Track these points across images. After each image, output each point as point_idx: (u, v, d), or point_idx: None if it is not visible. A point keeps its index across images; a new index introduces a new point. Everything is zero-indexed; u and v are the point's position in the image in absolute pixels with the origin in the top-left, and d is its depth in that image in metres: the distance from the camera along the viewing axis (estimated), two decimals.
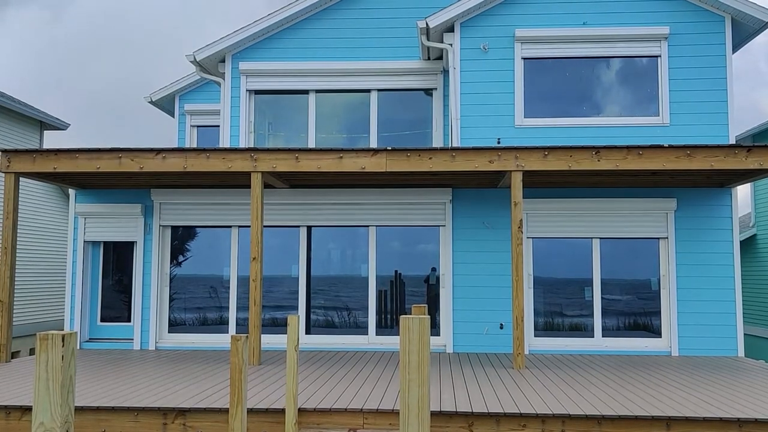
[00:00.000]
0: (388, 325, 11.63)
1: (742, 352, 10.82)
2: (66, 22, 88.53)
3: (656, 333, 11.16)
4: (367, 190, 11.52)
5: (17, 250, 10.60)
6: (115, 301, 12.10)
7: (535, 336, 11.21)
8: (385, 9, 12.86)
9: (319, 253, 11.86)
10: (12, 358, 10.26)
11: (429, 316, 2.73)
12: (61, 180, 11.36)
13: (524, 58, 11.63)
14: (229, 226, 11.83)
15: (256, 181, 9.76)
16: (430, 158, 9.61)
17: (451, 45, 11.70)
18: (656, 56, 11.50)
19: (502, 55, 11.61)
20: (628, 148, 9.43)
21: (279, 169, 9.77)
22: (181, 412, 6.77)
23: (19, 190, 10.67)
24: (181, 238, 12.06)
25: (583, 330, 11.25)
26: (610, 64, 11.74)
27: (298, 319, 6.41)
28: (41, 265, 18.34)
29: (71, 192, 12.11)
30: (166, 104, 16.93)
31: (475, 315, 11.15)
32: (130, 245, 12.02)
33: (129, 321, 11.92)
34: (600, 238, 11.29)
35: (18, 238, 12.44)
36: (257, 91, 12.97)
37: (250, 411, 6.62)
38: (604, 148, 9.47)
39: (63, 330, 4.74)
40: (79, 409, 6.75)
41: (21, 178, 11.87)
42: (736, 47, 11.89)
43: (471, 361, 9.97)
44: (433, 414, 6.48)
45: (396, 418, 6.60)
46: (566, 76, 11.74)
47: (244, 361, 5.43)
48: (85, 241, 11.91)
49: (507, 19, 11.65)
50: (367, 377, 8.52)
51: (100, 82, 79.24)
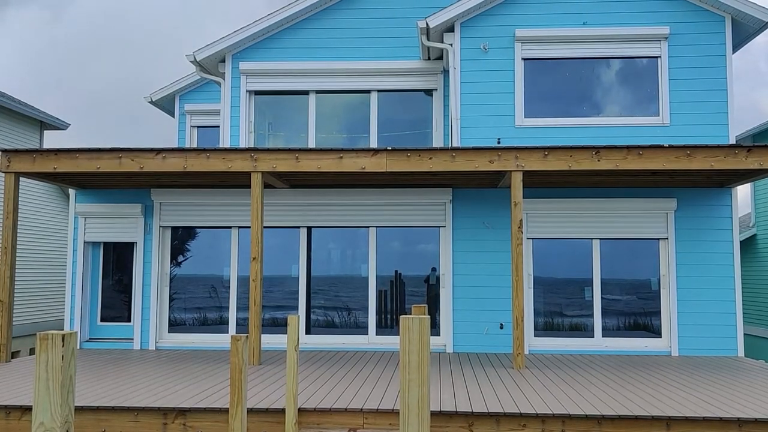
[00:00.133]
0: (388, 325, 11.63)
1: (742, 352, 10.82)
2: (66, 22, 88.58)
3: (656, 333, 11.16)
4: (367, 190, 11.52)
5: (17, 250, 10.60)
6: (115, 301, 12.10)
7: (535, 336, 11.21)
8: (385, 9, 12.86)
9: (319, 253, 11.86)
10: (12, 358, 10.26)
11: (429, 316, 2.73)
12: (61, 180, 11.36)
13: (524, 59, 11.63)
14: (229, 227, 11.84)
15: (256, 181, 9.76)
16: (430, 158, 9.62)
17: (451, 45, 11.70)
18: (656, 56, 11.50)
19: (502, 55, 11.61)
20: (628, 148, 9.44)
21: (279, 169, 9.77)
22: (181, 412, 6.77)
23: (19, 190, 10.66)
24: (181, 238, 12.06)
25: (583, 330, 11.25)
26: (610, 64, 11.74)
27: (298, 319, 6.41)
28: (41, 265, 18.34)
29: (71, 192, 12.12)
30: (166, 104, 16.93)
31: (475, 315, 11.16)
32: (130, 245, 12.02)
33: (129, 321, 11.92)
34: (600, 239, 11.29)
35: (18, 238, 12.44)
36: (257, 92, 12.97)
37: (250, 411, 6.62)
38: (604, 148, 9.47)
39: (63, 330, 4.75)
40: (79, 409, 6.75)
41: (21, 178, 11.88)
42: (736, 47, 11.89)
43: (471, 361, 9.97)
44: (433, 414, 6.48)
45: (396, 418, 6.60)
46: (566, 76, 11.74)
47: (244, 361, 5.43)
48: (85, 242, 11.92)
49: (507, 19, 11.65)
50: (367, 377, 8.52)
51: (100, 82, 79.29)
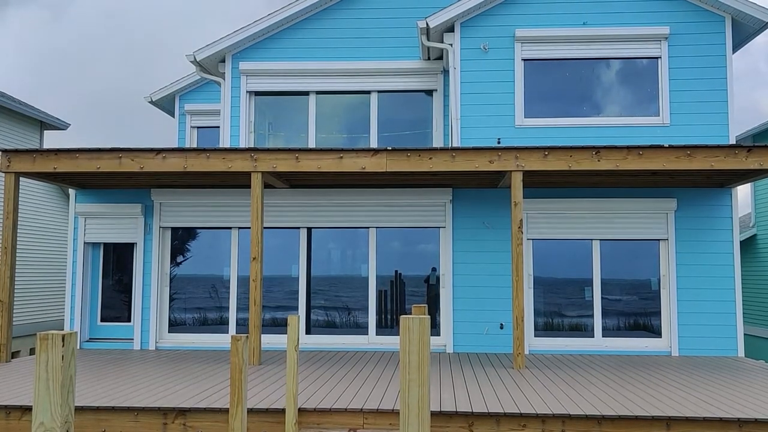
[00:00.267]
0: (388, 325, 11.63)
1: (742, 352, 10.82)
2: (66, 22, 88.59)
3: (656, 333, 11.16)
4: (367, 191, 11.52)
5: (17, 250, 10.59)
6: (115, 301, 12.10)
7: (535, 336, 11.21)
8: (385, 9, 12.86)
9: (319, 253, 11.86)
10: (12, 358, 10.26)
11: (429, 316, 2.73)
12: (61, 180, 11.36)
13: (524, 59, 11.63)
14: (230, 228, 11.83)
15: (256, 181, 9.76)
16: (431, 158, 9.61)
17: (452, 45, 11.70)
18: (656, 56, 11.50)
19: (503, 55, 11.61)
20: (629, 148, 9.43)
21: (279, 169, 9.77)
22: (182, 412, 6.77)
23: (20, 190, 10.66)
24: (181, 238, 12.06)
25: (583, 330, 11.25)
26: (610, 64, 11.73)
27: (298, 319, 6.41)
28: (41, 265, 18.34)
29: (71, 192, 12.12)
30: (166, 104, 16.93)
31: (475, 315, 11.16)
32: (130, 245, 12.02)
33: (129, 321, 11.92)
34: (600, 240, 11.29)
35: (18, 238, 12.44)
36: (257, 92, 12.97)
37: (250, 411, 6.62)
38: (604, 148, 9.47)
39: (63, 330, 4.74)
40: (79, 409, 6.75)
41: (21, 178, 11.88)
42: (736, 47, 11.89)
43: (471, 361, 9.97)
44: (433, 414, 6.48)
45: (396, 418, 6.60)
46: (566, 76, 11.74)
47: (245, 361, 5.43)
48: (85, 243, 11.92)
49: (507, 19, 11.65)
50: (367, 377, 8.52)
51: (101, 82, 79.28)
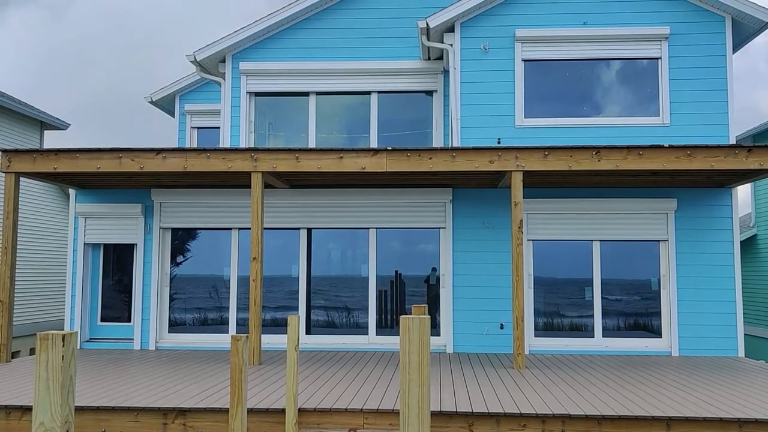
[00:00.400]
0: (388, 325, 11.63)
1: (742, 353, 10.82)
2: (66, 22, 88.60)
3: (656, 333, 11.16)
4: (367, 191, 11.52)
5: (17, 250, 10.59)
6: (116, 301, 12.10)
7: (536, 336, 11.20)
8: (386, 9, 12.86)
9: (319, 254, 11.86)
10: (12, 358, 10.26)
11: (429, 316, 2.73)
12: (61, 180, 11.36)
13: (524, 59, 11.62)
14: (230, 228, 11.83)
15: (257, 181, 9.76)
16: (431, 158, 9.61)
17: (452, 45, 11.70)
18: (656, 56, 11.49)
19: (503, 55, 11.61)
20: (629, 148, 9.43)
21: (279, 169, 9.77)
22: (182, 412, 6.77)
23: (20, 190, 10.66)
24: (181, 238, 12.06)
25: (584, 330, 11.24)
26: (611, 63, 11.73)
27: (298, 319, 6.41)
28: (41, 265, 18.34)
29: (71, 192, 12.12)
30: (166, 104, 16.93)
31: (476, 315, 11.15)
32: (130, 245, 12.02)
33: (129, 321, 11.92)
34: (600, 241, 11.29)
35: (18, 238, 12.44)
36: (257, 93, 12.97)
37: (251, 411, 6.62)
38: (605, 148, 9.47)
39: (63, 330, 4.74)
40: (79, 409, 6.75)
41: (21, 178, 11.87)
42: (736, 47, 11.89)
43: (471, 361, 9.97)
44: (433, 414, 6.48)
45: (396, 418, 6.60)
46: (566, 76, 11.73)
47: (245, 361, 5.43)
48: (85, 244, 11.92)
49: (507, 19, 11.65)
50: (368, 377, 8.52)
51: (101, 82, 79.29)
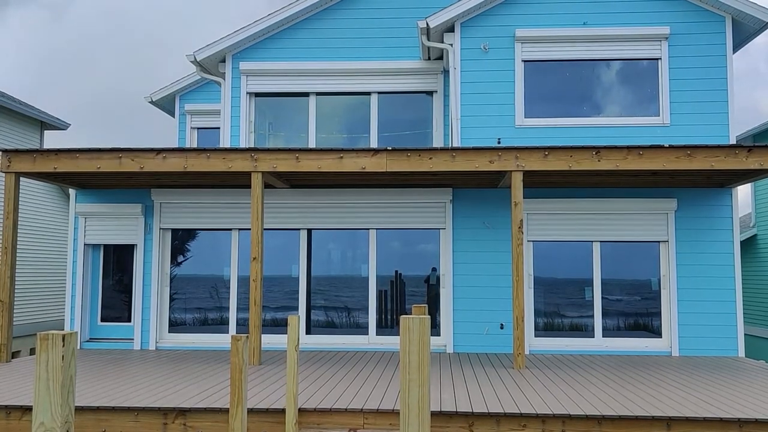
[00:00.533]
0: (388, 325, 11.63)
1: (742, 353, 10.82)
2: (66, 22, 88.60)
3: (656, 333, 11.16)
4: (367, 191, 11.52)
5: (17, 250, 10.60)
6: (116, 301, 12.10)
7: (536, 336, 11.20)
8: (386, 9, 12.85)
9: (319, 254, 11.86)
10: (12, 358, 10.26)
11: (429, 316, 2.73)
12: (61, 180, 11.36)
13: (524, 59, 11.62)
14: (230, 229, 11.83)
15: (257, 181, 9.76)
16: (431, 158, 9.61)
17: (452, 45, 11.70)
18: (656, 56, 11.49)
19: (503, 55, 11.61)
20: (629, 148, 9.43)
21: (279, 169, 9.77)
22: (182, 412, 6.77)
23: (20, 190, 10.66)
24: (182, 238, 12.06)
25: (584, 330, 11.24)
26: (611, 63, 11.73)
27: (298, 319, 6.41)
28: (41, 265, 18.34)
29: (71, 192, 12.12)
30: (166, 104, 16.92)
31: (476, 315, 11.15)
32: (130, 245, 12.01)
33: (129, 321, 11.92)
34: (600, 242, 11.28)
35: (18, 238, 12.44)
36: (257, 94, 12.97)
37: (251, 411, 6.62)
38: (605, 148, 9.47)
39: (63, 330, 4.74)
40: (80, 409, 6.75)
41: (21, 178, 11.87)
42: (736, 47, 11.88)
43: (471, 361, 9.97)
44: (434, 414, 6.48)
45: (396, 418, 6.60)
46: (566, 76, 11.73)
47: (245, 361, 5.43)
48: (85, 244, 11.92)
49: (507, 19, 11.65)
50: (368, 377, 8.52)
51: (101, 82, 79.27)
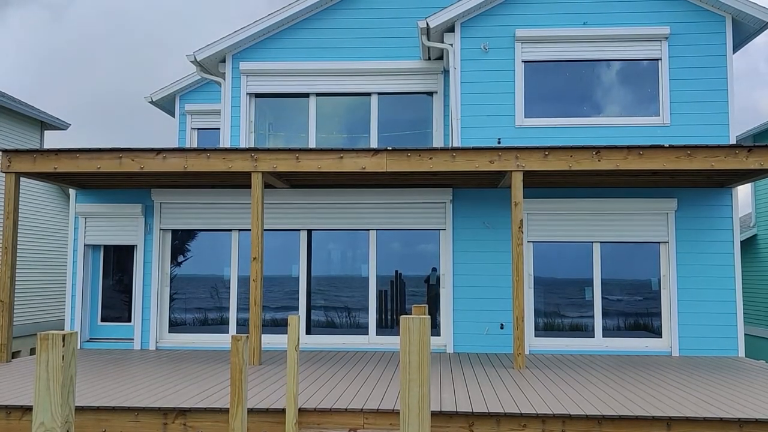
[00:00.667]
0: (388, 325, 11.63)
1: (742, 353, 10.82)
2: (66, 22, 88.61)
3: (656, 333, 11.16)
4: (367, 191, 11.52)
5: (18, 251, 10.59)
6: (116, 301, 12.10)
7: (536, 336, 11.20)
8: (386, 9, 12.85)
9: (319, 254, 11.86)
10: (12, 358, 10.26)
11: (429, 316, 2.73)
12: (61, 180, 11.36)
13: (524, 59, 11.62)
14: (230, 229, 11.83)
15: (257, 181, 9.76)
16: (431, 158, 9.61)
17: (452, 45, 11.70)
18: (657, 56, 11.49)
19: (503, 55, 11.61)
20: (629, 148, 9.43)
21: (279, 169, 9.77)
22: (182, 412, 6.77)
23: (20, 190, 10.66)
24: (182, 238, 12.06)
25: (584, 330, 11.24)
26: (611, 64, 11.73)
27: (298, 319, 6.41)
28: (41, 266, 18.34)
29: (72, 192, 12.12)
30: (166, 104, 16.92)
31: (476, 315, 11.15)
32: (130, 245, 12.01)
33: (129, 321, 11.92)
34: (601, 242, 11.28)
35: (18, 239, 12.44)
36: (258, 94, 12.97)
37: (251, 411, 6.62)
38: (605, 148, 9.47)
39: (63, 330, 4.75)
40: (80, 409, 6.75)
41: (21, 178, 11.87)
42: (736, 47, 11.88)
43: (471, 361, 9.97)
44: (434, 414, 6.48)
45: (396, 418, 6.60)
46: (567, 76, 11.73)
47: (245, 361, 5.43)
48: (85, 244, 11.92)
49: (507, 19, 11.65)
50: (368, 377, 8.52)
51: (101, 82, 79.27)
